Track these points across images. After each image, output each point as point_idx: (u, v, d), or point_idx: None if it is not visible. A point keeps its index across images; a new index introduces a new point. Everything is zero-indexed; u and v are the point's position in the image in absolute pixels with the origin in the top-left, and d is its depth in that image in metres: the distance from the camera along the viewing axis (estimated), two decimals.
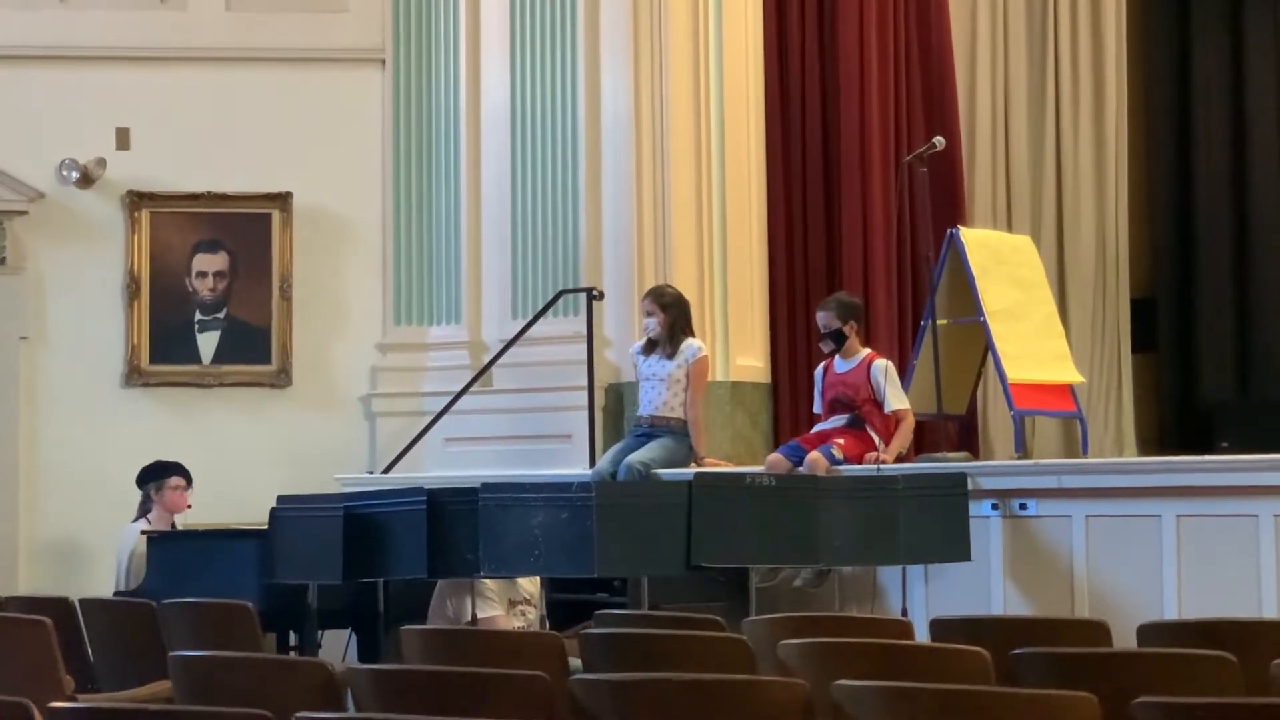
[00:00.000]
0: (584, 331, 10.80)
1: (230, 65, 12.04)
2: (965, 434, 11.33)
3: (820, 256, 11.60)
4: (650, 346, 9.86)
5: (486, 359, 11.35)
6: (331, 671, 5.31)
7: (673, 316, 9.79)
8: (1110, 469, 9.29)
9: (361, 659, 9.22)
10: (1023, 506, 8.76)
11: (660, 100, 11.09)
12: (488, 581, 8.58)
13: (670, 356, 9.78)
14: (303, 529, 8.80)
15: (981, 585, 8.72)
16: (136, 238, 11.83)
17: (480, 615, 8.53)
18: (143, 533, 10.07)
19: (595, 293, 10.87)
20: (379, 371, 12.01)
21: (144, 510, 10.44)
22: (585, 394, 10.75)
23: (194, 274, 11.94)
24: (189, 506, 10.50)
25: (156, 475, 10.47)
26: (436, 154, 11.95)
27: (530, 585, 8.87)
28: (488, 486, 8.26)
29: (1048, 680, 5.00)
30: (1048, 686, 4.82)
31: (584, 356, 10.75)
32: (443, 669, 5.51)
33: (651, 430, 9.81)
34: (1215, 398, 13.61)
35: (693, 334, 9.94)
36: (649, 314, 9.81)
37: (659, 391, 9.80)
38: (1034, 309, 10.28)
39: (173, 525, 10.39)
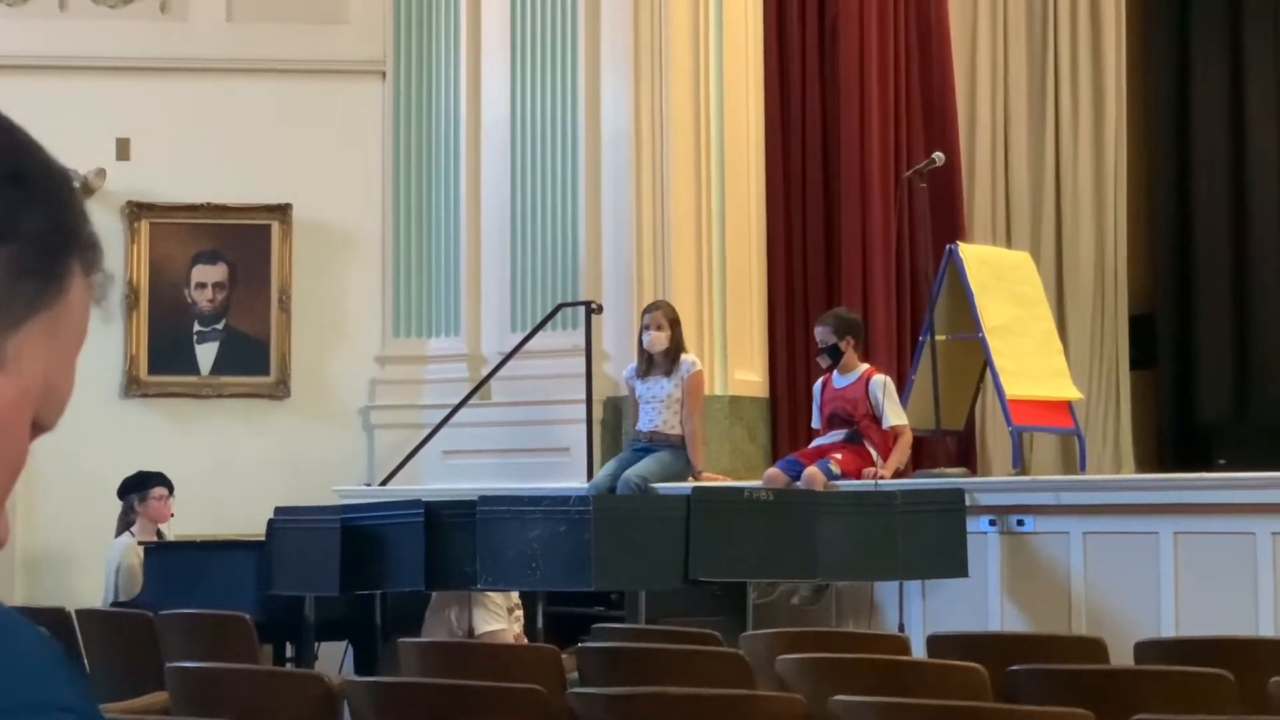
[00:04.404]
0: (583, 345, 10.80)
1: (231, 76, 12.04)
2: (963, 450, 11.33)
3: (819, 271, 11.60)
4: (646, 367, 9.87)
5: (485, 372, 11.35)
6: (328, 683, 5.31)
7: (679, 335, 9.85)
8: (1108, 486, 9.30)
9: (359, 671, 9.22)
10: (1020, 523, 8.76)
11: (660, 114, 11.10)
12: (491, 594, 8.59)
13: (668, 375, 9.80)
14: (300, 541, 8.80)
15: (979, 601, 8.72)
16: (136, 248, 11.83)
17: (485, 629, 8.53)
18: (140, 543, 10.06)
19: (594, 306, 10.87)
20: (378, 384, 12.01)
21: (127, 523, 10.38)
22: (583, 407, 10.75)
23: (193, 285, 11.94)
24: (173, 515, 10.47)
25: (139, 486, 10.43)
26: (436, 166, 11.95)
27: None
28: (485, 499, 8.26)
29: (1045, 697, 5.00)
30: (1045, 703, 4.82)
31: (582, 370, 10.75)
32: (440, 681, 5.51)
33: (650, 445, 9.83)
34: (1213, 415, 13.61)
35: (686, 350, 9.98)
36: (659, 327, 9.80)
37: (657, 412, 9.82)
38: (1033, 325, 10.28)
39: (159, 535, 10.36)
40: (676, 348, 9.86)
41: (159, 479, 10.44)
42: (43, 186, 1.33)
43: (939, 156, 10.66)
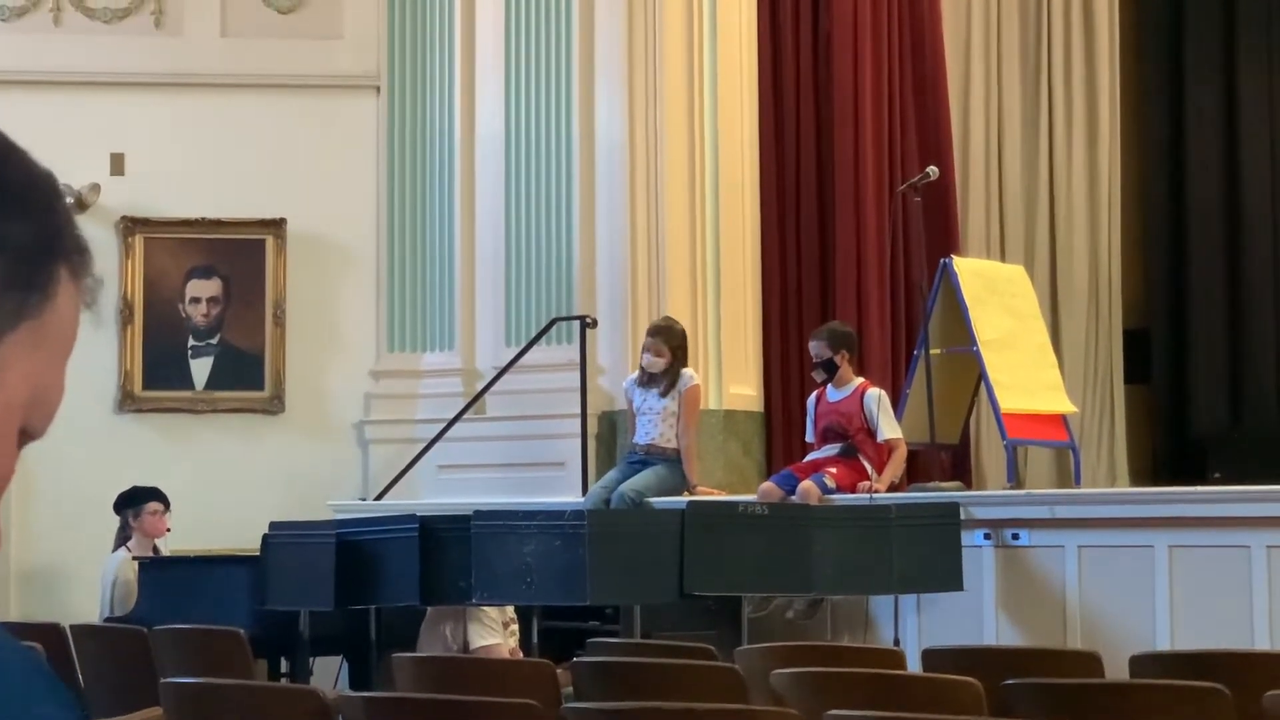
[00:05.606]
0: (577, 359, 10.80)
1: (225, 91, 12.04)
2: (958, 463, 11.33)
3: (814, 285, 11.60)
4: (647, 379, 9.87)
5: (480, 386, 11.35)
6: (323, 699, 5.30)
7: (679, 358, 9.84)
8: (1103, 499, 9.29)
9: (353, 686, 9.21)
10: (1015, 536, 8.76)
11: (654, 127, 11.11)
12: (486, 608, 8.58)
13: (666, 393, 9.81)
14: (295, 555, 8.78)
15: (974, 615, 8.71)
16: (130, 263, 11.82)
17: (480, 643, 8.52)
18: (134, 558, 10.05)
19: (589, 320, 10.88)
20: (372, 398, 12.00)
21: (123, 538, 10.37)
22: (578, 422, 10.75)
23: (188, 300, 11.93)
24: (168, 530, 10.46)
25: (134, 501, 10.42)
26: (431, 180, 11.95)
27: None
28: (480, 514, 8.25)
29: (1040, 711, 5.00)
30: (1040, 717, 4.82)
31: (577, 384, 10.75)
32: (435, 697, 5.50)
33: (645, 459, 9.82)
34: (1207, 429, 13.61)
35: (687, 364, 9.98)
36: (657, 353, 9.80)
37: (654, 424, 9.82)
38: (1027, 339, 10.28)
39: (155, 550, 10.36)
40: (676, 367, 9.86)
41: (154, 494, 10.43)
42: (24, 194, 1.29)
43: (933, 170, 10.66)
